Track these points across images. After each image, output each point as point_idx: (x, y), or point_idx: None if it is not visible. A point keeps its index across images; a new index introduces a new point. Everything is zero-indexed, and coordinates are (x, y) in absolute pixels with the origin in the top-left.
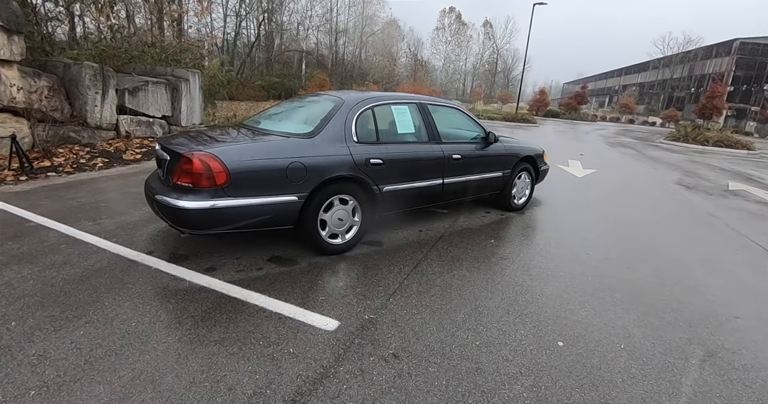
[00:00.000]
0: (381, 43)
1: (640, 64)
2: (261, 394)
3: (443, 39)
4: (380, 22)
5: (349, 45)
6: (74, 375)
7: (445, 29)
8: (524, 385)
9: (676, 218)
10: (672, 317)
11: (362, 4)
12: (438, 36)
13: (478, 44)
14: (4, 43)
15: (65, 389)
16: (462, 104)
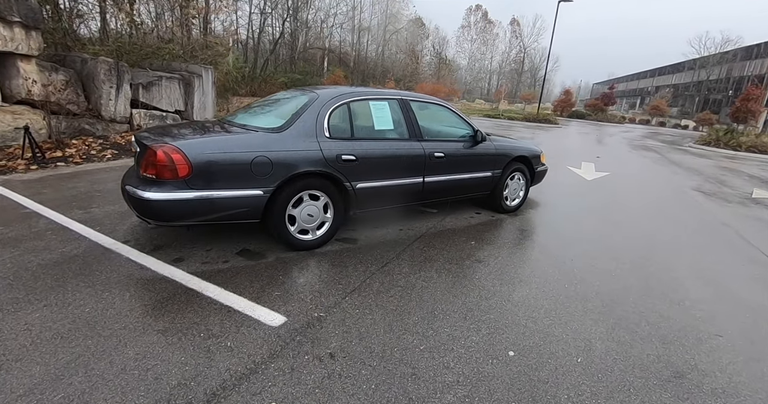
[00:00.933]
0: (404, 41)
1: (675, 65)
2: (184, 386)
3: (468, 37)
4: (404, 20)
5: (372, 43)
6: (18, 354)
7: (470, 27)
8: (457, 395)
9: (682, 225)
10: (645, 331)
11: (386, 2)
12: (463, 34)
13: (505, 43)
14: (22, 39)
15: (5, 367)
16: (485, 104)
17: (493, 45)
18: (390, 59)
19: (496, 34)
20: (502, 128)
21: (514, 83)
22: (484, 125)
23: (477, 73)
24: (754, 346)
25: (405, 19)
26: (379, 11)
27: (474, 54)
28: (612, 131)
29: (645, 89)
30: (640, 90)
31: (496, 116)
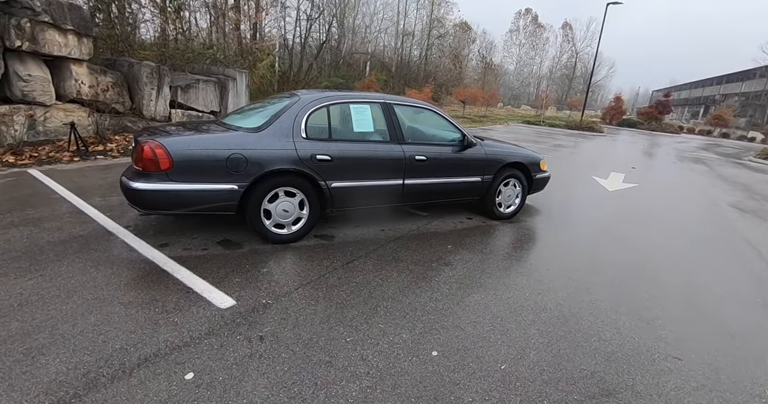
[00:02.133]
0: (448, 46)
1: (744, 72)
2: (124, 350)
3: (516, 42)
4: (448, 25)
5: (416, 47)
6: (4, 312)
7: (519, 31)
8: (360, 385)
9: (694, 241)
10: (593, 347)
11: (431, 7)
12: (511, 38)
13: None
14: (75, 45)
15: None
16: (531, 110)
17: (543, 49)
18: (433, 64)
19: (546, 38)
20: (538, 135)
21: (565, 89)
22: (521, 131)
23: (525, 78)
24: (716, 375)
25: (450, 23)
26: (425, 16)
27: (522, 58)
28: (664, 141)
29: (710, 98)
30: (704, 98)
31: (537, 123)
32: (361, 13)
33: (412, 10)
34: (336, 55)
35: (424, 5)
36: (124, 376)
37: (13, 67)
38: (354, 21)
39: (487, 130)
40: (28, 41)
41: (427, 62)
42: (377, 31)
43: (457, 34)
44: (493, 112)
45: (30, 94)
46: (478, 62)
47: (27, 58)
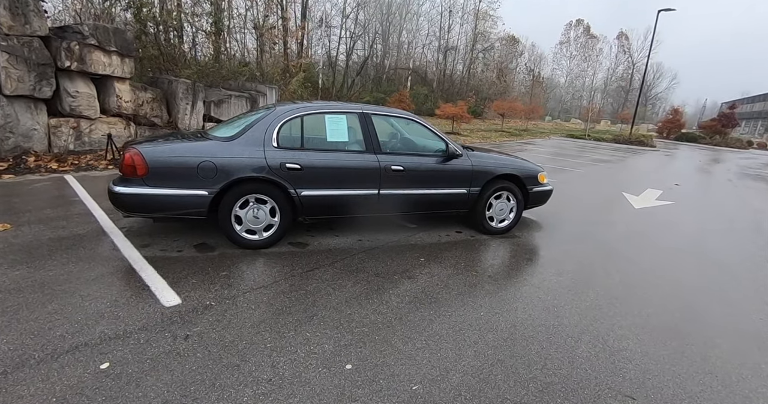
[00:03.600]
0: (492, 60)
1: None
2: (63, 337)
3: (567, 54)
4: (493, 38)
5: (459, 62)
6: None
7: (569, 43)
8: (257, 391)
9: (716, 268)
10: (530, 375)
11: (474, 22)
12: (561, 50)
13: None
14: (118, 64)
15: None
16: (582, 123)
17: (596, 61)
18: (476, 78)
19: (599, 49)
20: (579, 150)
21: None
22: (562, 145)
23: (576, 91)
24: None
25: (494, 37)
26: (468, 30)
27: (573, 71)
28: (727, 157)
29: None
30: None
31: (581, 136)
32: (406, 30)
33: (456, 25)
34: (379, 71)
35: (468, 20)
36: (50, 360)
37: (63, 84)
38: (399, 37)
39: (523, 143)
40: (77, 62)
41: (470, 76)
42: (420, 46)
43: (503, 47)
44: (537, 125)
45: (77, 108)
46: (526, 75)
47: (75, 76)
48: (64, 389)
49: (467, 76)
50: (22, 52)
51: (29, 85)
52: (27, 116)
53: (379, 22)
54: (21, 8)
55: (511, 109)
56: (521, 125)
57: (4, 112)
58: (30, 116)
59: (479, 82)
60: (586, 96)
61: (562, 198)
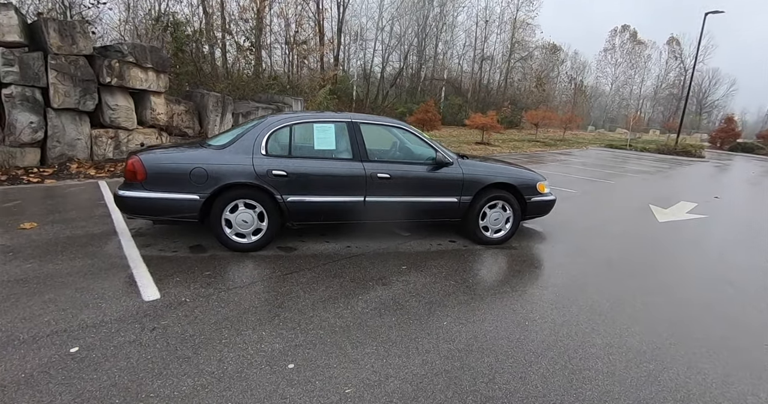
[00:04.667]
0: (530, 69)
1: None
2: (46, 323)
3: (612, 61)
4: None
5: (495, 72)
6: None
7: (615, 50)
8: (196, 383)
9: (720, 297)
10: (472, 388)
11: (511, 31)
12: (606, 58)
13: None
14: (154, 80)
15: None
16: (627, 133)
17: (645, 68)
18: (514, 87)
19: (647, 55)
20: (616, 160)
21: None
22: (598, 156)
23: (623, 99)
24: None
25: (532, 45)
26: (506, 39)
27: (618, 78)
28: None
29: None
30: None
31: (623, 146)
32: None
33: (493, 35)
34: (414, 82)
35: (505, 29)
36: (31, 342)
37: (105, 98)
38: (436, 48)
39: (556, 154)
40: (117, 78)
41: (507, 86)
42: (455, 56)
43: (545, 55)
44: (577, 135)
45: (116, 120)
46: (567, 84)
47: (116, 91)
48: (33, 367)
49: (504, 86)
50: (69, 70)
51: (74, 99)
52: (72, 127)
53: (414, 34)
54: (69, 30)
55: (545, 118)
56: (558, 135)
57: (53, 123)
58: (75, 127)
59: (517, 92)
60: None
61: (578, 209)
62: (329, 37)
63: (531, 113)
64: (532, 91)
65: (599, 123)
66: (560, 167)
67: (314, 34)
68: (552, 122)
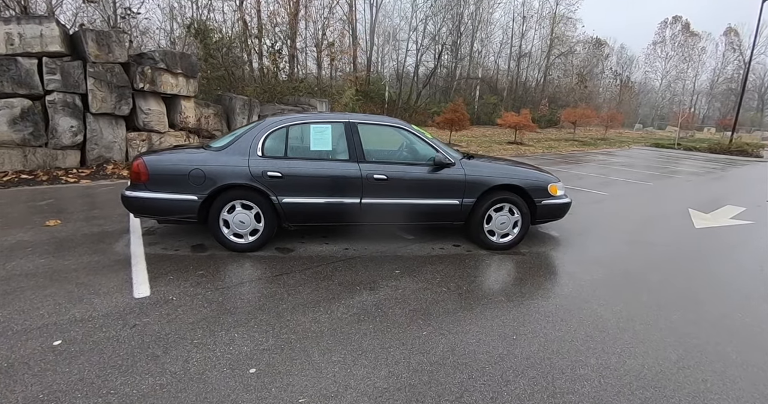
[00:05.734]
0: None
1: None
2: (40, 315)
3: (662, 55)
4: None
5: (533, 69)
6: (8, 278)
7: (665, 43)
8: (156, 382)
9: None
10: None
11: (550, 26)
12: (655, 51)
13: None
14: (184, 85)
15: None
16: (677, 131)
17: (699, 61)
18: (553, 84)
19: (701, 48)
20: (660, 160)
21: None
22: (641, 156)
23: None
24: None
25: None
26: (545, 35)
27: (669, 73)
28: None
29: None
30: None
31: (670, 146)
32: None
33: (530, 31)
34: (449, 82)
35: (544, 25)
36: (21, 333)
37: (138, 103)
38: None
39: (595, 154)
40: (149, 83)
41: (546, 83)
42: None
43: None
44: (622, 134)
45: (149, 123)
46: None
47: (148, 96)
48: (17, 357)
49: (542, 84)
50: (106, 77)
51: (111, 105)
52: (109, 130)
53: (448, 32)
54: (105, 40)
55: (584, 117)
56: (600, 134)
57: (91, 127)
58: (111, 130)
59: (556, 89)
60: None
61: (604, 213)
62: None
63: (568, 111)
64: (573, 89)
65: (648, 121)
66: (595, 168)
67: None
68: (591, 121)
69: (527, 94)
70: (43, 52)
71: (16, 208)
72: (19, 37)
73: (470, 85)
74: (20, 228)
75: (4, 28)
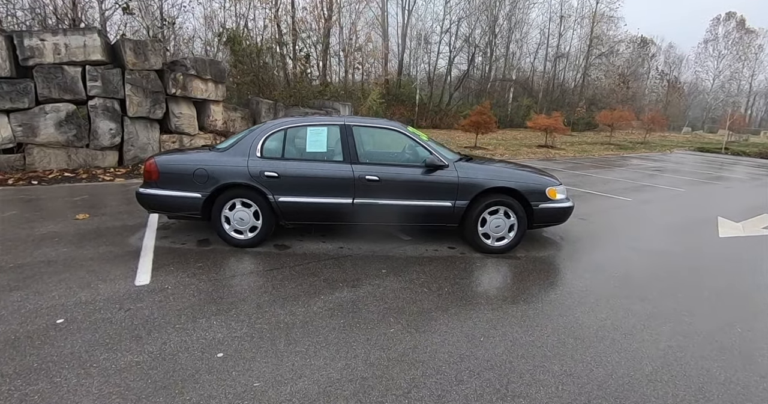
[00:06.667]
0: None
1: None
2: (51, 297)
3: (714, 53)
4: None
5: (570, 70)
6: (28, 264)
7: (718, 40)
8: (132, 360)
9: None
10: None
11: (590, 26)
12: (707, 50)
13: None
14: (213, 90)
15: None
16: (732, 135)
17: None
18: (592, 85)
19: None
20: (703, 166)
21: None
22: (683, 160)
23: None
24: None
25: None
26: (584, 35)
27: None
28: None
29: None
30: None
31: (716, 150)
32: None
33: (569, 30)
34: (482, 84)
35: (584, 24)
36: (32, 311)
37: (171, 107)
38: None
39: (630, 158)
40: (180, 89)
41: (584, 85)
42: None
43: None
44: (666, 137)
45: (180, 126)
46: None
47: (180, 100)
48: (23, 331)
49: (581, 85)
50: (142, 83)
51: (146, 109)
52: (144, 133)
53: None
54: (142, 49)
55: (621, 119)
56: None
57: (128, 130)
58: (146, 133)
59: (596, 91)
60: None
61: (621, 219)
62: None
63: (604, 113)
64: (614, 90)
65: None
66: (626, 173)
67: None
68: (629, 123)
69: (564, 96)
70: (86, 60)
71: (55, 203)
72: (65, 48)
73: (504, 88)
74: (53, 221)
75: (53, 39)
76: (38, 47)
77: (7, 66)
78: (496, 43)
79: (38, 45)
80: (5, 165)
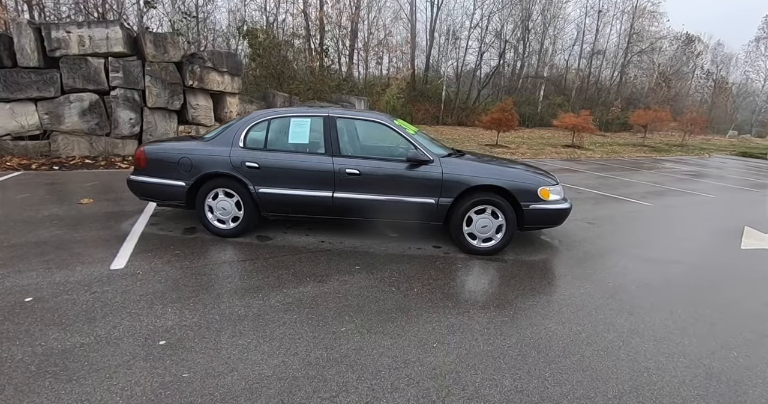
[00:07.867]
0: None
1: None
2: (30, 276)
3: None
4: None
5: (607, 67)
6: (20, 244)
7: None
8: (78, 342)
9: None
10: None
11: (630, 21)
12: (758, 48)
13: None
14: (229, 82)
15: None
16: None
17: None
18: (630, 84)
19: None
20: (743, 172)
21: None
22: (722, 165)
23: None
24: None
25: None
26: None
27: None
28: None
29: None
30: None
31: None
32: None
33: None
34: (513, 81)
35: (622, 20)
36: (8, 289)
37: (188, 99)
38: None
39: (662, 161)
40: (197, 81)
41: (622, 83)
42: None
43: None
44: (708, 141)
45: (197, 118)
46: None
47: (197, 92)
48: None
49: (618, 83)
50: (161, 75)
51: (164, 100)
52: (162, 123)
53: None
54: (161, 42)
55: (656, 120)
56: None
57: (147, 120)
58: (165, 123)
59: (634, 90)
60: None
61: (634, 225)
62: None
63: (638, 113)
64: (654, 89)
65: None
66: (653, 176)
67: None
68: (666, 124)
69: (599, 95)
70: (109, 52)
71: (67, 187)
72: (90, 40)
73: (535, 85)
74: (59, 204)
75: (78, 32)
76: (64, 39)
77: (36, 56)
78: (528, 38)
79: (64, 37)
80: (32, 151)
